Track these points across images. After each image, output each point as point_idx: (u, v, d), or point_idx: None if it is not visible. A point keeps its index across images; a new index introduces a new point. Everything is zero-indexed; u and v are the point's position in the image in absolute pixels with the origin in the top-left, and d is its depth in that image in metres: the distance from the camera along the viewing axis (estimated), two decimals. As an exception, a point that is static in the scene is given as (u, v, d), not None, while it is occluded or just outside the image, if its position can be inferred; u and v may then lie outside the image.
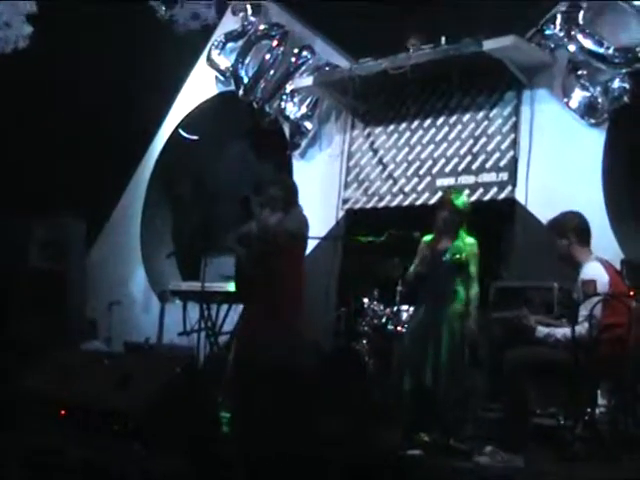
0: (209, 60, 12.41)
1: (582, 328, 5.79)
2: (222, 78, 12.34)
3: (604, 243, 7.72)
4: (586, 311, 5.79)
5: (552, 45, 9.21)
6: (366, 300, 8.90)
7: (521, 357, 6.04)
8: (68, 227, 11.92)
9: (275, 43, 11.57)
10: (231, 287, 8.29)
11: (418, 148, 10.32)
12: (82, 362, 7.30)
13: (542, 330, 6.07)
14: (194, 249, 10.32)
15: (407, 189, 10.31)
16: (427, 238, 7.28)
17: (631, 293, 6.21)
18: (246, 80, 11.79)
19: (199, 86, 12.77)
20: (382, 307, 8.76)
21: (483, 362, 7.60)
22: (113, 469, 5.38)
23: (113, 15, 11.65)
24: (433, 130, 10.22)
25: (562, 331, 5.99)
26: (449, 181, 9.91)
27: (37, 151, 12.12)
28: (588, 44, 8.73)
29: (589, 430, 6.18)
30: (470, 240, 7.13)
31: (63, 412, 6.50)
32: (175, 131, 13.04)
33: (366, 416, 6.91)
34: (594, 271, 6.00)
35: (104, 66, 11.93)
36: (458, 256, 7.02)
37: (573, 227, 6.27)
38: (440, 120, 10.18)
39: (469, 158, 9.82)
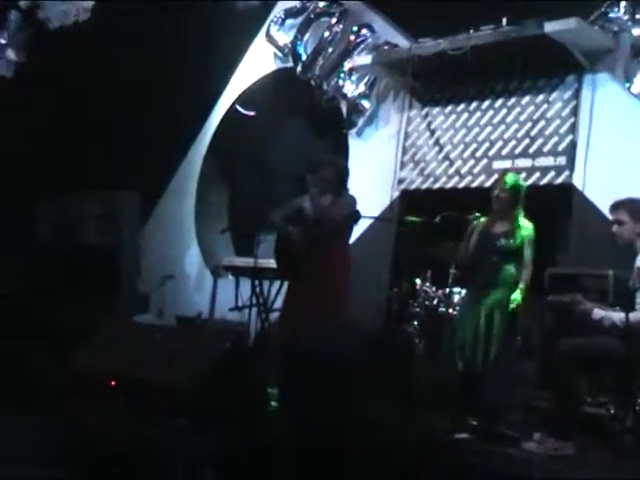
0: (268, 36, 12.38)
1: (638, 315, 5.72)
2: (280, 54, 12.31)
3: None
4: (642, 298, 5.73)
5: (615, 29, 9.06)
6: (418, 282, 8.87)
7: (573, 344, 5.99)
8: (123, 201, 11.99)
9: (334, 20, 11.52)
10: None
11: (475, 130, 10.24)
12: (134, 335, 7.36)
13: (599, 312, 5.99)
14: (248, 225, 10.34)
15: (463, 171, 10.25)
16: (481, 221, 7.22)
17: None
18: (304, 57, 11.76)
19: (257, 62, 12.75)
20: (434, 289, 8.72)
21: (535, 349, 7.56)
22: (160, 444, 5.42)
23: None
24: (491, 112, 10.13)
25: (619, 315, 5.91)
26: (506, 164, 9.81)
27: (94, 125, 12.21)
28: (653, 29, 8.62)
29: (639, 420, 6.12)
30: (526, 224, 7.06)
31: (113, 384, 6.56)
32: (232, 107, 13.04)
33: (415, 399, 6.91)
34: (652, 258, 5.93)
35: (163, 41, 11.94)
36: (513, 240, 6.96)
37: None
38: (498, 102, 10.08)
39: (527, 141, 9.72)
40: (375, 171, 10.92)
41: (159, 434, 5.55)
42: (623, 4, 8.94)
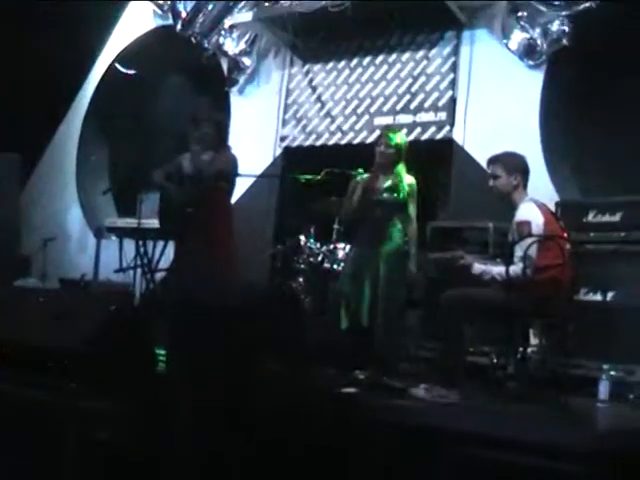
0: (147, -7, 12.22)
1: (517, 268, 5.86)
2: (160, 12, 12.14)
3: (540, 185, 7.79)
4: (521, 252, 5.85)
5: (493, -15, 9.21)
6: (302, 238, 8.90)
7: (456, 296, 6.10)
8: (1, 163, 11.72)
9: (214, -23, 11.42)
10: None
11: (357, 86, 10.30)
12: (16, 299, 7.23)
13: (478, 267, 6.13)
14: (130, 185, 10.23)
15: (345, 127, 10.31)
16: (363, 176, 7.26)
17: (565, 235, 6.29)
18: (184, 14, 11.60)
19: (137, 20, 12.57)
20: (318, 245, 8.77)
21: (419, 301, 7.68)
22: (48, 408, 5.37)
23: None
24: (372, 68, 10.20)
25: (498, 269, 6.05)
26: (387, 120, 9.90)
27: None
28: (528, -15, 8.75)
29: (520, 369, 6.29)
30: (409, 179, 7.13)
31: (-3, 349, 6.44)
32: (111, 65, 12.85)
33: (301, 354, 6.96)
34: (529, 212, 6.05)
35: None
36: (397, 195, 7.03)
37: (521, 168, 6.30)
38: (379, 59, 10.16)
39: (407, 97, 9.83)
40: (257, 128, 10.91)
41: (48, 399, 5.49)
42: (499, -39, 9.06)
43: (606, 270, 6.96)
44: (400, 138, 7.26)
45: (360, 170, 7.33)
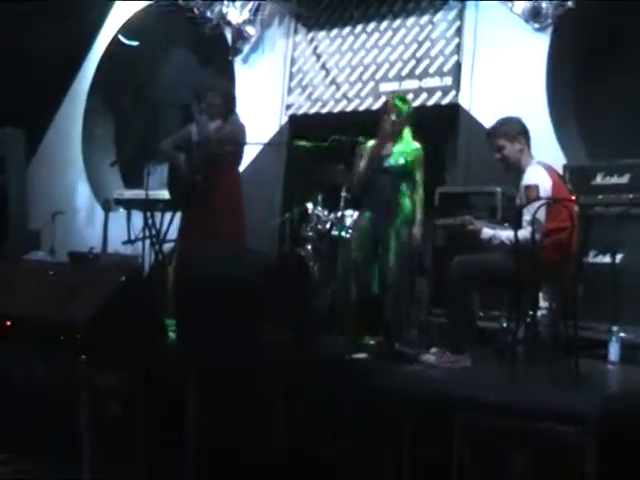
0: (149, -36, 12.17)
1: (525, 232, 5.84)
2: (163, -18, 12.11)
3: (548, 148, 7.78)
4: (529, 216, 5.83)
5: (499, -50, 9.14)
6: (310, 206, 8.90)
7: (465, 261, 6.09)
8: (6, 138, 11.72)
9: (218, -53, 11.36)
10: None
11: (361, 53, 10.27)
12: (26, 273, 7.25)
13: (487, 232, 6.10)
14: (137, 157, 10.22)
15: (350, 94, 10.29)
16: (370, 143, 7.24)
17: (573, 198, 6.27)
18: (187, -15, 11.58)
19: (139, -9, 12.53)
20: (326, 213, 8.77)
21: (429, 267, 7.68)
22: (60, 382, 5.39)
23: None
24: (376, 35, 10.17)
25: (506, 234, 6.03)
26: (392, 86, 9.89)
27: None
28: (534, -53, 8.70)
29: (530, 333, 6.30)
30: (415, 145, 7.10)
31: (8, 324, 6.46)
32: (115, 38, 12.81)
33: (312, 321, 6.98)
34: (537, 176, 6.02)
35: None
36: (403, 161, 7.00)
37: (522, 131, 6.27)
38: (383, 25, 10.12)
39: (413, 63, 9.80)
40: (263, 97, 10.90)
41: (61, 371, 5.52)
42: None
43: (615, 232, 6.97)
44: (407, 105, 7.23)
45: (367, 136, 7.31)
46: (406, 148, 7.03)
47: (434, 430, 5.06)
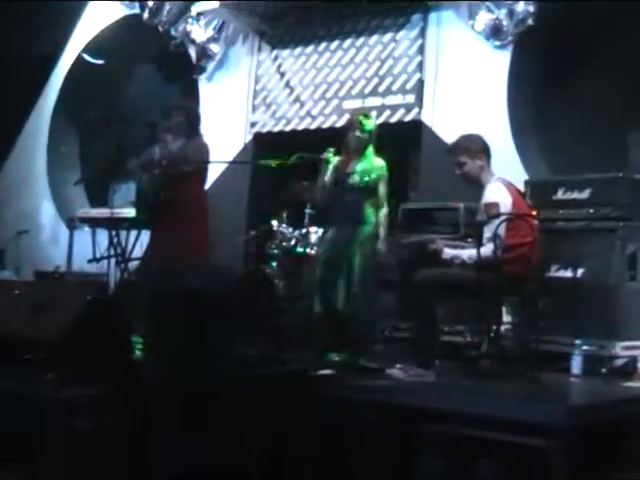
0: (113, -18, 12.20)
1: (487, 249, 5.91)
2: (127, 1, 12.12)
3: (508, 163, 7.87)
4: (490, 232, 5.91)
5: (458, -34, 9.25)
6: (275, 223, 8.93)
7: (429, 277, 6.15)
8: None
9: (180, -36, 11.39)
10: (140, 212, 8.31)
11: (325, 71, 10.34)
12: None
13: (449, 252, 6.18)
14: (102, 175, 10.22)
15: (314, 112, 10.35)
16: (334, 160, 7.29)
17: (533, 213, 6.35)
18: (151, 3, 11.59)
19: (104, 9, 12.53)
20: (291, 230, 8.80)
21: (392, 283, 7.72)
22: (27, 399, 5.39)
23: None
24: (340, 52, 10.24)
25: (468, 253, 6.10)
26: (356, 103, 9.96)
27: None
28: (493, -34, 8.81)
29: (494, 347, 6.35)
30: (379, 162, 7.16)
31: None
32: (80, 56, 12.81)
33: (277, 338, 7.00)
34: (497, 193, 6.10)
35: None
36: (367, 178, 7.06)
37: (483, 148, 6.34)
38: (347, 42, 10.20)
39: (376, 80, 9.88)
40: (227, 115, 10.93)
41: (29, 389, 5.52)
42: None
43: (576, 247, 7.02)
44: (371, 122, 7.30)
45: (331, 153, 7.36)
46: (370, 165, 7.08)
47: (399, 444, 5.11)
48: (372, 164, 7.09)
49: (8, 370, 5.84)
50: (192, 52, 11.41)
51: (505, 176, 6.39)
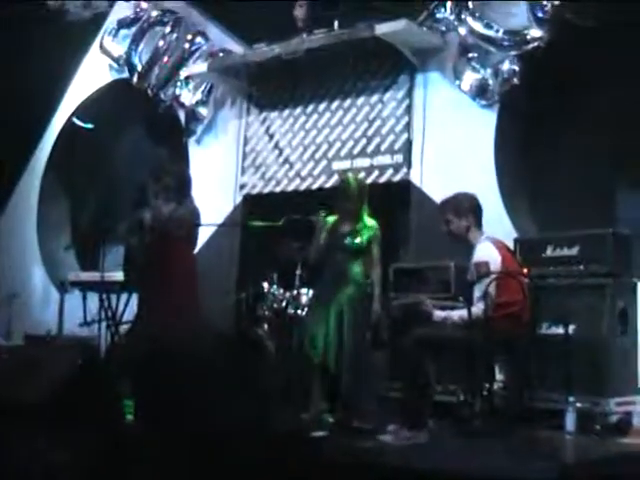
0: (102, 48, 12.27)
1: (477, 309, 5.93)
2: (116, 65, 12.22)
3: (497, 222, 7.90)
4: (480, 292, 5.93)
5: (443, 28, 9.34)
6: (266, 285, 8.93)
7: (420, 337, 6.15)
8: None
9: (168, 29, 11.47)
10: (131, 276, 8.31)
11: (314, 132, 10.39)
12: (-19, 357, 7.21)
13: (439, 314, 6.21)
14: (92, 239, 10.23)
15: (303, 173, 10.38)
16: (327, 221, 7.33)
17: (524, 271, 6.38)
18: (140, 67, 11.68)
19: (93, 74, 12.62)
20: (282, 291, 8.80)
21: (385, 343, 7.72)
22: (17, 465, 5.35)
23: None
24: (328, 114, 10.30)
25: (458, 313, 6.13)
26: (345, 164, 10.00)
27: None
28: (478, 27, 8.89)
29: (487, 405, 6.34)
30: (371, 222, 7.21)
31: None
32: (69, 120, 12.88)
33: (268, 400, 6.97)
34: (486, 252, 6.13)
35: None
36: (360, 239, 7.10)
37: (471, 208, 6.38)
38: (335, 104, 10.25)
39: (364, 141, 9.92)
40: (217, 178, 10.97)
41: (17, 454, 5.47)
42: (449, 5, 9.19)
43: (567, 303, 7.03)
44: (359, 182, 7.35)
45: (323, 215, 7.40)
46: (363, 226, 7.13)
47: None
48: (365, 224, 7.14)
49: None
50: (181, 115, 11.47)
51: (494, 234, 6.42)
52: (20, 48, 11.72)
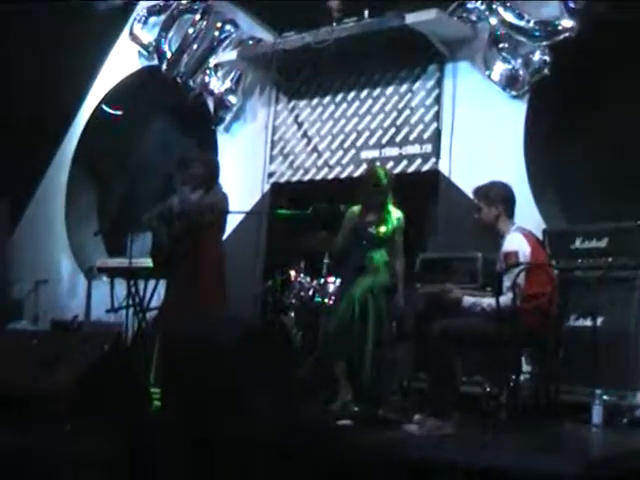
0: (132, 35, 12.31)
1: (506, 298, 5.89)
2: (145, 53, 12.24)
3: (526, 213, 7.85)
4: (509, 282, 5.89)
5: (474, 18, 9.30)
6: (293, 273, 8.93)
7: (447, 327, 6.13)
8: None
9: (198, 17, 11.50)
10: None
11: (342, 121, 10.37)
12: (9, 342, 7.25)
13: (468, 300, 6.16)
14: (120, 225, 10.26)
15: (332, 162, 10.37)
16: (353, 210, 7.32)
17: (552, 262, 6.34)
18: (169, 55, 11.72)
19: (122, 61, 12.64)
20: (309, 280, 8.79)
21: (410, 333, 7.70)
22: (44, 450, 5.37)
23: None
24: (357, 103, 10.28)
25: (487, 301, 6.08)
26: (373, 154, 9.99)
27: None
28: (509, 17, 8.86)
29: (513, 397, 6.31)
30: (397, 213, 7.20)
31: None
32: (98, 107, 12.90)
33: (294, 388, 6.98)
34: (516, 242, 6.09)
35: (26, 43, 11.76)
36: (385, 229, 7.09)
37: (501, 197, 6.34)
38: (364, 93, 10.23)
39: (393, 130, 9.90)
40: (245, 166, 10.98)
41: (45, 441, 5.50)
42: (480, -5, 9.16)
43: (595, 296, 7.00)
44: (386, 172, 7.33)
45: (350, 204, 7.39)
46: (388, 216, 7.11)
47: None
48: (390, 215, 7.12)
49: (25, 421, 5.83)
50: (210, 103, 11.48)
51: (523, 225, 6.38)
52: (51, 36, 11.73)
